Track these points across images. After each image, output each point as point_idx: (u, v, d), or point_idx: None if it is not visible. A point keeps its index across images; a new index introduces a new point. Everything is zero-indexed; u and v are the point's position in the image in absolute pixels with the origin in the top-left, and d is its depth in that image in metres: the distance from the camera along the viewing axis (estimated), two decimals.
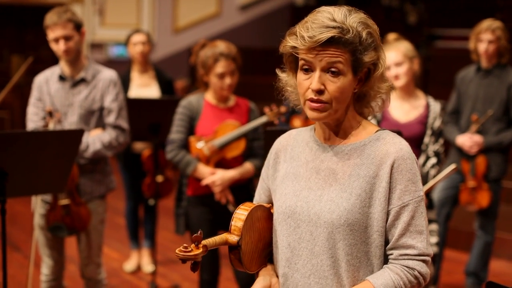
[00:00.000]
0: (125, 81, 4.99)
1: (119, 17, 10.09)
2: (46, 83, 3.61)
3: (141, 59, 5.11)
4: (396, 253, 1.78)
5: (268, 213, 1.95)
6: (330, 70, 1.74)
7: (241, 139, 3.58)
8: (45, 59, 8.44)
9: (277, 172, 1.95)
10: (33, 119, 3.58)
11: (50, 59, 6.83)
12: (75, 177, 3.50)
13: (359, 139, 1.84)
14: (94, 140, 3.52)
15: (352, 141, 1.84)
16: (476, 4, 9.21)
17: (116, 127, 3.61)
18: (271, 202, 1.98)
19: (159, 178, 4.87)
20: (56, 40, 3.47)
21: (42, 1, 9.48)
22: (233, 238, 1.82)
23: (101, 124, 3.63)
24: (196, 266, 1.71)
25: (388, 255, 1.81)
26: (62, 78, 3.60)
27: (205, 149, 3.54)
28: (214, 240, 1.78)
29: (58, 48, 3.49)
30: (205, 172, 3.52)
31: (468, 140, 4.39)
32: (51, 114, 3.49)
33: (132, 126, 3.92)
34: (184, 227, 3.69)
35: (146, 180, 4.88)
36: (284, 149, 1.96)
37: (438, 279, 4.59)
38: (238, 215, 1.85)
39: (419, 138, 3.64)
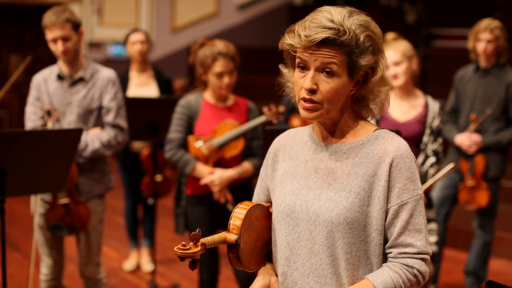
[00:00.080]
0: (124, 80, 4.99)
1: (118, 17, 10.09)
2: (45, 82, 3.60)
3: (140, 58, 5.10)
4: (395, 252, 1.78)
5: (267, 212, 1.95)
6: (325, 70, 1.74)
7: (240, 139, 3.57)
8: (44, 59, 8.44)
9: (276, 172, 1.95)
10: (32, 118, 3.58)
11: (49, 59, 6.82)
12: (74, 176, 3.50)
13: (358, 138, 1.84)
14: (93, 139, 3.52)
15: (351, 140, 1.84)
16: (475, 4, 9.21)
17: (115, 126, 3.61)
18: (270, 202, 1.98)
19: (158, 177, 4.87)
20: (54, 41, 3.47)
21: (41, 0, 9.47)
22: (232, 237, 1.83)
23: (100, 123, 3.63)
24: (195, 264, 1.71)
25: (387, 254, 1.81)
26: (61, 77, 3.60)
27: (204, 149, 3.54)
28: (213, 239, 1.78)
29: (56, 49, 3.48)
30: (204, 172, 3.52)
31: (467, 139, 4.39)
32: (50, 113, 3.49)
33: (131, 125, 3.92)
34: (184, 227, 3.69)
35: (145, 179, 4.88)
36: (283, 149, 1.96)
37: (438, 278, 4.59)
38: (237, 214, 1.85)
39: (418, 138, 3.65)
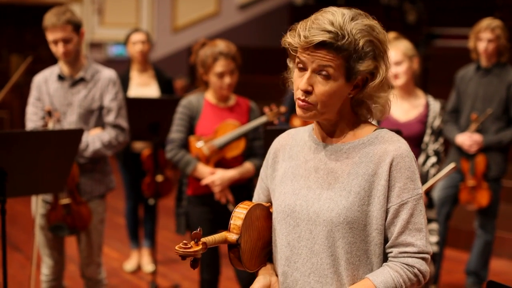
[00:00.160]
0: (125, 81, 4.98)
1: (118, 17, 10.09)
2: (45, 83, 3.60)
3: (141, 58, 5.11)
4: (396, 251, 1.78)
5: (267, 212, 1.95)
6: (321, 73, 1.74)
7: (241, 139, 3.57)
8: (45, 59, 8.44)
9: (276, 172, 1.95)
10: (32, 119, 3.58)
11: (49, 59, 6.82)
12: (76, 177, 3.50)
13: (358, 138, 1.83)
14: (94, 139, 3.52)
15: (351, 140, 1.84)
16: (475, 3, 9.21)
17: (116, 126, 3.61)
18: (270, 202, 1.98)
19: (159, 178, 4.87)
20: (55, 42, 3.46)
21: (42, 1, 9.48)
22: (232, 237, 1.83)
23: (101, 124, 3.63)
24: (196, 263, 1.72)
25: (388, 253, 1.81)
26: (61, 78, 3.60)
27: (205, 149, 3.54)
28: (214, 238, 1.79)
29: (57, 50, 3.48)
30: (205, 172, 3.52)
31: (468, 139, 4.39)
32: (50, 114, 3.49)
33: (132, 126, 3.92)
34: (185, 227, 3.69)
35: (146, 180, 4.88)
36: (283, 149, 1.96)
37: (439, 279, 4.59)
38: (237, 214, 1.85)
39: (419, 137, 3.64)
